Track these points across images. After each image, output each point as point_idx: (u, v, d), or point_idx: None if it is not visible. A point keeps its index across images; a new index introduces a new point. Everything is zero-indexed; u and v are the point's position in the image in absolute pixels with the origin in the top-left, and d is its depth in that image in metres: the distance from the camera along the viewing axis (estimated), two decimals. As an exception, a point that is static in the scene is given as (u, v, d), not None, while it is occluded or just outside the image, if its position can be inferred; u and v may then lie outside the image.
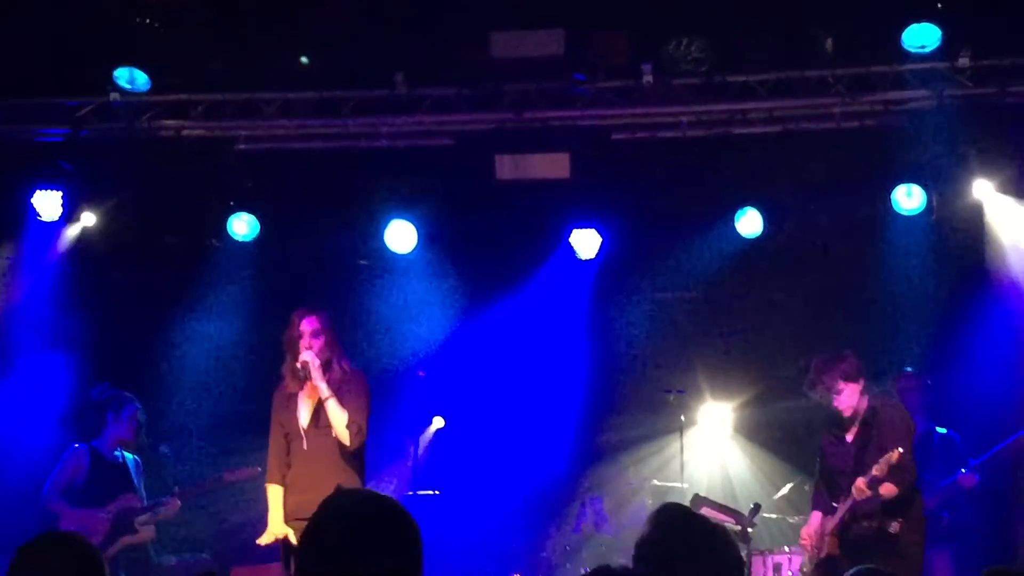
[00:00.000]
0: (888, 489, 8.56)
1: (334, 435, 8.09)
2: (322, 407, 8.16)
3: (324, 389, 8.07)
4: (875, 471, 8.48)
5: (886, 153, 11.13)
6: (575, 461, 12.87)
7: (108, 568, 4.42)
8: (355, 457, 8.15)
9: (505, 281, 12.49)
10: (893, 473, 8.50)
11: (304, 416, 8.20)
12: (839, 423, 9.07)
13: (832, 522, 8.93)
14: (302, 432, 8.16)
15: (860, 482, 8.55)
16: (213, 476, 10.59)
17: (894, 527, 8.66)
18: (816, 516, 9.19)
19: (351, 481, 7.93)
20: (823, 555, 8.92)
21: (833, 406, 8.93)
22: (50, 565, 4.24)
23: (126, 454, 10.45)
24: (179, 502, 10.35)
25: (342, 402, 8.06)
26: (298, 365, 8.15)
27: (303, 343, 8.16)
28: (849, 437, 9.01)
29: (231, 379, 11.93)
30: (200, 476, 11.59)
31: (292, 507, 8.11)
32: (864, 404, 8.91)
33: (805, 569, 9.32)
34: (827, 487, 9.21)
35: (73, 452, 10.34)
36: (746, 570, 9.74)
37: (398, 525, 3.16)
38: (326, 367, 8.14)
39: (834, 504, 8.96)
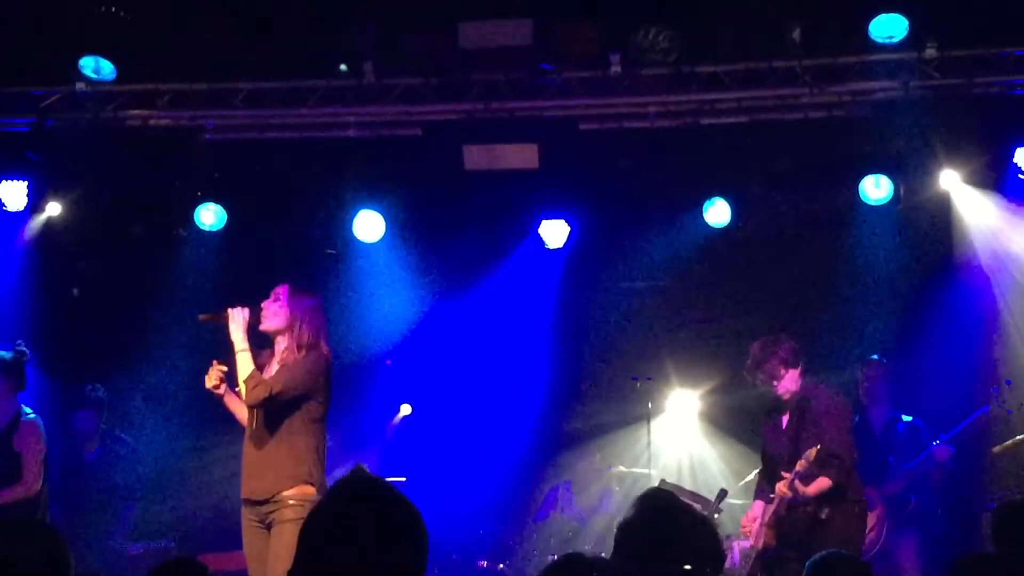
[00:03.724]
0: (820, 484, 8.61)
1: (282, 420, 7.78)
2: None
3: (238, 340, 7.74)
4: (799, 467, 8.55)
5: (854, 143, 11.18)
6: (543, 448, 12.91)
7: None
8: (305, 443, 7.75)
9: (473, 271, 12.53)
10: (824, 465, 8.57)
11: None
12: (778, 408, 9.13)
13: (767, 514, 8.96)
14: (254, 412, 7.83)
15: (781, 486, 8.65)
16: None
17: (826, 513, 8.69)
18: (758, 505, 9.23)
19: (300, 468, 7.66)
20: (759, 547, 8.94)
21: (774, 391, 9.00)
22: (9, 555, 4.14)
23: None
24: None
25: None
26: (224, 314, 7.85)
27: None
28: (783, 424, 9.07)
29: (197, 369, 11.85)
30: (166, 465, 11.62)
31: (245, 492, 7.91)
32: (799, 389, 8.97)
33: (749, 557, 9.35)
34: (767, 475, 9.27)
35: None
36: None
37: (401, 517, 3.06)
38: (278, 332, 7.85)
39: (771, 495, 9.00)
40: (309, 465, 7.72)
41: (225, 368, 7.85)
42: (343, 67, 11.29)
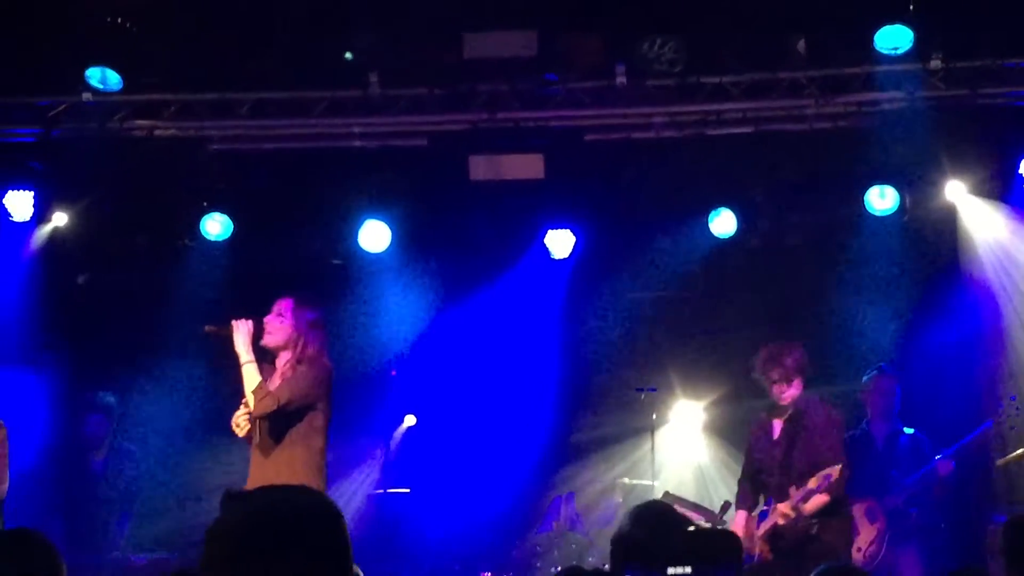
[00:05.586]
0: (818, 501, 8.61)
1: (285, 441, 7.84)
2: None
3: (243, 353, 7.78)
4: (811, 483, 8.51)
5: (859, 154, 11.16)
6: (547, 460, 12.86)
7: None
8: (308, 453, 7.81)
9: (479, 281, 12.49)
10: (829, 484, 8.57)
11: None
12: (772, 415, 9.08)
13: (764, 527, 8.91)
14: (257, 427, 7.90)
15: (784, 508, 8.62)
16: None
17: (816, 528, 8.69)
18: (741, 516, 9.17)
19: (299, 480, 7.46)
20: (756, 561, 8.88)
21: (776, 395, 8.95)
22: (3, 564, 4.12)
23: None
24: None
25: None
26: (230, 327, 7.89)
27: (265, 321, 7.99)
28: (775, 434, 9.02)
29: (203, 379, 11.87)
30: (172, 475, 11.61)
31: None
32: (798, 399, 8.93)
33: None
34: (751, 484, 9.22)
35: None
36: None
37: (307, 527, 2.80)
38: (281, 348, 7.91)
39: (765, 508, 8.94)
40: (310, 476, 7.71)
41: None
42: (348, 55, 11.29)
